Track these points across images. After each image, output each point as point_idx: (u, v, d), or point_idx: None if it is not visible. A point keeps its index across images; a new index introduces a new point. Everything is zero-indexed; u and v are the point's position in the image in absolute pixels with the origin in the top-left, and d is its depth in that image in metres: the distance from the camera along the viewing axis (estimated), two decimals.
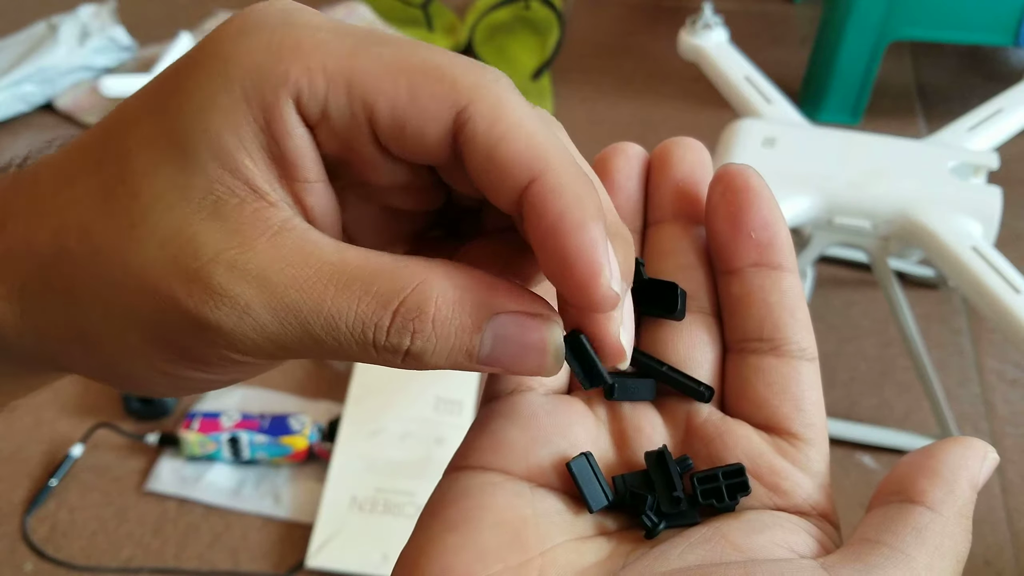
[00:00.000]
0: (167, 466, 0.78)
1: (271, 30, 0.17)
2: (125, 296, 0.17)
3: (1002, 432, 0.81)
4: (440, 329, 0.17)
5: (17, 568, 0.72)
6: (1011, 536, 0.74)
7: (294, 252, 0.17)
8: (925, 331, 0.88)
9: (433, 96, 0.17)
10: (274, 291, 0.17)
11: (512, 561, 0.18)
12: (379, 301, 0.17)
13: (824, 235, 0.72)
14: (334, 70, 0.17)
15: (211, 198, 0.17)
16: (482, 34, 1.29)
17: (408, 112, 0.17)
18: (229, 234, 0.17)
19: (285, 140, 0.17)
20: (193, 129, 0.17)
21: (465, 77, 0.17)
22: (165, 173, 0.17)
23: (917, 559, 0.18)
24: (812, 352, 0.21)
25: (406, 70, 0.17)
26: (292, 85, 0.17)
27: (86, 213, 0.18)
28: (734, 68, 0.84)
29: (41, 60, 1.18)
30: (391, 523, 0.73)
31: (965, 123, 0.78)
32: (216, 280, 0.17)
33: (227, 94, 0.17)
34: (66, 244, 0.18)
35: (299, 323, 0.17)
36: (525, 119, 0.17)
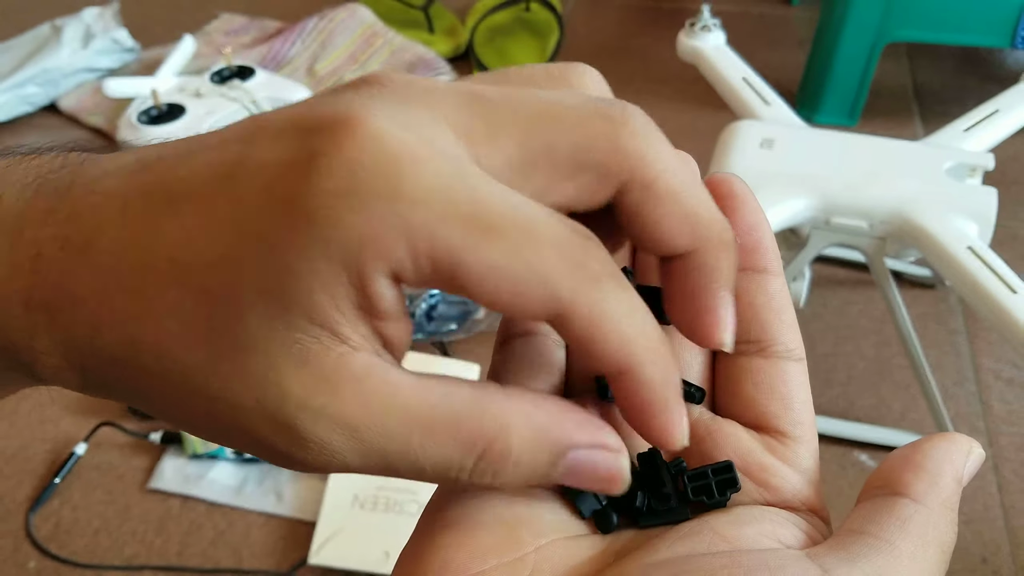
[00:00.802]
0: (170, 464, 0.79)
1: (377, 200, 0.16)
2: (201, 418, 0.18)
3: (998, 431, 0.82)
4: (520, 469, 0.18)
5: (21, 566, 0.73)
6: (1007, 533, 0.74)
7: (379, 398, 0.17)
8: (922, 331, 0.88)
9: (534, 302, 0.17)
10: (361, 439, 0.17)
11: (507, 557, 0.19)
12: (464, 447, 0.18)
13: (821, 235, 0.73)
14: (441, 260, 0.17)
15: (297, 346, 0.17)
16: (482, 36, 1.29)
17: (508, 310, 0.18)
18: (316, 381, 0.17)
19: (378, 300, 0.17)
20: (284, 288, 0.17)
21: (569, 281, 0.17)
22: (256, 320, 0.17)
23: (901, 547, 0.18)
24: (799, 353, 0.22)
25: (508, 277, 0.17)
26: (396, 264, 0.17)
27: (166, 336, 0.17)
28: (732, 70, 0.85)
29: (45, 61, 1.19)
30: (393, 521, 0.74)
31: (961, 124, 0.78)
32: (304, 427, 0.17)
33: (326, 262, 0.16)
34: (140, 359, 0.18)
35: (385, 463, 0.18)
36: (621, 321, 0.18)
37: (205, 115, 1.09)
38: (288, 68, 1.26)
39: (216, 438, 0.19)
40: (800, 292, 0.80)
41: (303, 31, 1.29)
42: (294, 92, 1.14)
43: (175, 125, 1.08)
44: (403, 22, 1.34)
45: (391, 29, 1.29)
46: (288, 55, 1.27)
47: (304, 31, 1.29)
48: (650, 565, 0.19)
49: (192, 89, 1.13)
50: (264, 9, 1.42)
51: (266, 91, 1.13)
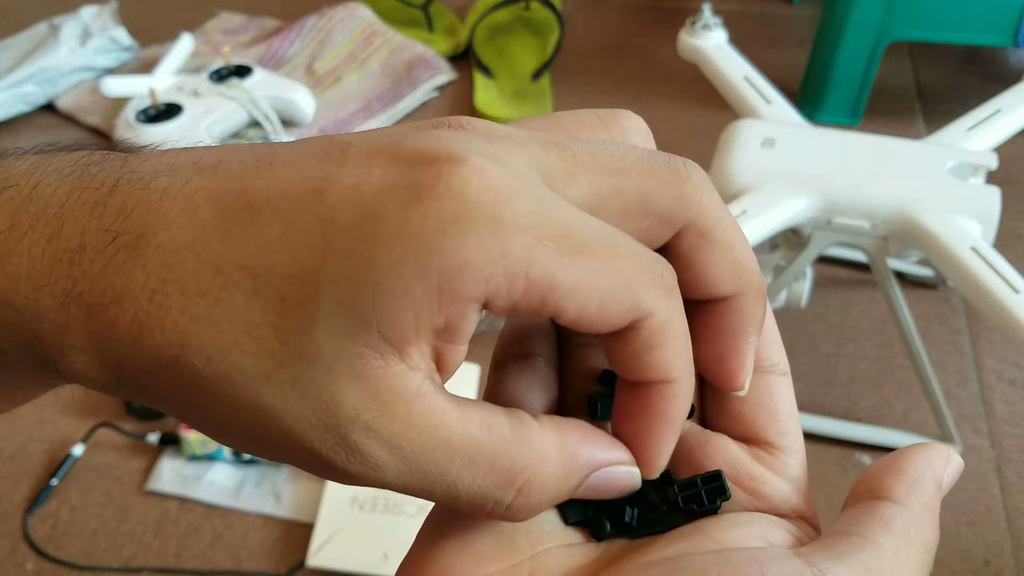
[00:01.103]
0: (168, 465, 0.78)
1: (478, 228, 0.17)
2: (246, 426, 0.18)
3: (1001, 432, 0.82)
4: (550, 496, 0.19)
5: (18, 567, 0.72)
6: (1010, 535, 0.74)
7: (426, 420, 0.18)
8: (924, 331, 0.88)
9: (619, 311, 0.19)
10: (405, 457, 0.18)
11: (504, 563, 0.20)
12: (503, 479, 0.18)
13: (823, 235, 0.72)
14: (536, 279, 0.17)
15: (359, 362, 0.17)
16: (482, 35, 1.29)
17: (592, 319, 0.19)
18: (370, 397, 0.17)
19: (460, 325, 0.18)
20: (373, 304, 0.17)
21: (648, 293, 0.19)
22: (326, 332, 0.17)
23: (885, 545, 0.19)
24: (784, 367, 0.23)
25: (597, 287, 0.18)
26: (491, 289, 0.17)
27: (224, 339, 0.17)
28: (733, 69, 0.85)
29: (42, 60, 1.18)
30: (392, 522, 0.73)
31: (964, 123, 0.78)
32: (353, 439, 0.17)
33: (421, 284, 0.17)
34: (190, 361, 0.17)
35: (422, 484, 0.18)
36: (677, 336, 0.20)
37: (203, 114, 1.08)
38: (287, 67, 1.25)
39: (252, 446, 0.18)
40: (802, 292, 0.79)
41: (302, 30, 1.28)
42: (293, 91, 1.14)
43: (173, 124, 1.07)
44: (402, 21, 1.34)
45: (390, 28, 1.29)
46: (287, 54, 1.27)
47: (303, 30, 1.28)
48: (643, 565, 0.20)
49: (190, 88, 1.13)
50: (263, 8, 1.41)
51: (265, 90, 1.13)
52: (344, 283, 0.17)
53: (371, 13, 1.30)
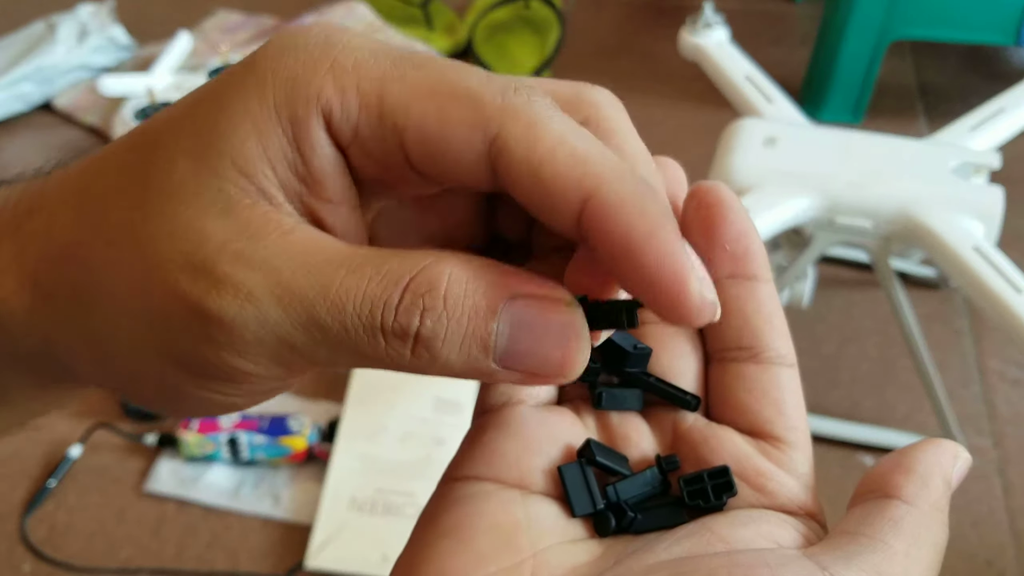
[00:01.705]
0: (166, 467, 0.78)
1: (311, 48, 0.18)
2: (134, 293, 0.18)
3: (1004, 432, 0.81)
4: (452, 308, 0.16)
5: (16, 569, 0.72)
6: (1013, 536, 0.73)
7: (305, 243, 0.17)
8: (927, 331, 0.87)
9: (462, 121, 0.17)
10: (279, 277, 0.16)
11: (505, 563, 0.19)
12: (389, 279, 0.16)
13: (825, 235, 0.72)
14: (367, 91, 0.17)
15: (223, 196, 0.17)
16: (482, 33, 1.29)
17: (437, 137, 0.17)
18: (239, 229, 0.17)
19: (311, 156, 0.17)
20: (221, 132, 0.17)
21: (495, 99, 0.17)
22: (184, 170, 0.17)
23: (895, 547, 0.19)
24: (791, 358, 0.22)
25: (436, 93, 0.17)
26: (324, 102, 0.17)
27: (107, 205, 0.18)
28: (735, 67, 0.84)
29: (40, 59, 1.18)
30: (391, 524, 0.73)
31: (967, 123, 0.77)
32: (220, 268, 0.17)
33: (260, 104, 0.17)
34: (81, 236, 0.18)
35: (304, 308, 0.16)
36: (566, 135, 0.17)
37: None
38: None
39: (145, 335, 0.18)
40: (804, 292, 0.79)
41: None
42: None
43: None
44: (402, 19, 1.34)
45: (390, 26, 1.28)
46: None
47: None
48: (649, 566, 0.19)
49: (188, 87, 1.12)
50: (261, 6, 1.41)
51: None
52: (201, 122, 0.18)
53: (370, 11, 1.30)
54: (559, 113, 0.17)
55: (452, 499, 0.20)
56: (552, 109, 0.17)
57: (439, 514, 0.20)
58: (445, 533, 0.19)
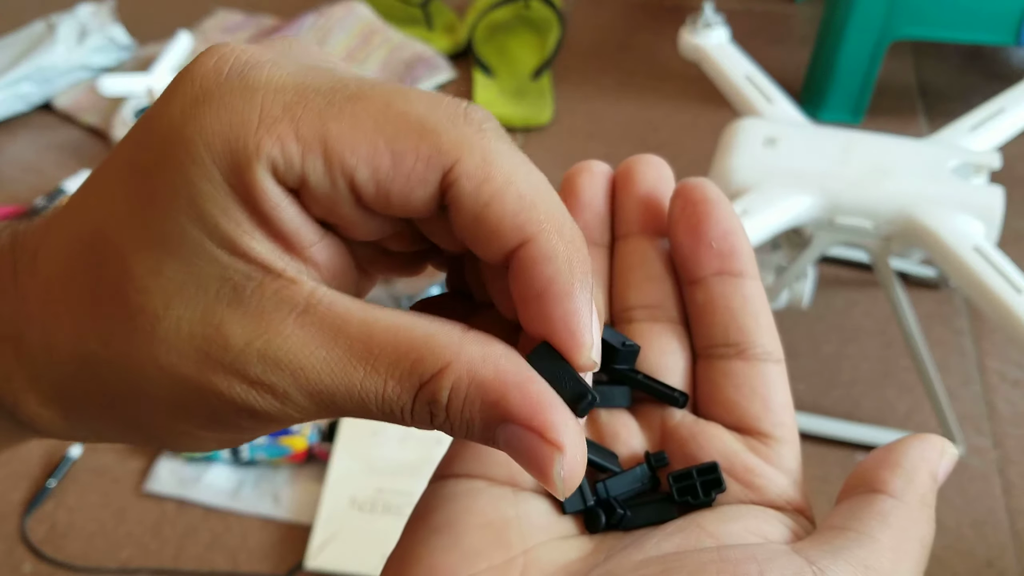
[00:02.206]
0: (166, 467, 0.78)
1: (230, 97, 0.16)
2: (164, 388, 0.17)
3: (1004, 432, 0.81)
4: (455, 418, 0.17)
5: (15, 569, 0.72)
6: (1013, 536, 0.73)
7: (322, 331, 0.17)
8: (927, 331, 0.87)
9: (418, 158, 0.16)
10: (308, 377, 0.17)
11: (496, 560, 0.19)
12: (403, 385, 0.17)
13: (825, 235, 0.72)
14: (308, 135, 0.16)
15: (228, 285, 0.16)
16: (482, 33, 1.29)
17: (392, 177, 0.16)
18: (255, 321, 0.16)
19: (274, 214, 0.16)
20: (186, 221, 0.16)
21: (449, 132, 0.16)
22: (172, 269, 0.16)
23: (882, 540, 0.19)
24: (778, 355, 0.22)
25: (385, 130, 0.16)
26: (265, 157, 0.16)
27: (101, 320, 0.17)
28: (735, 67, 0.84)
29: (39, 59, 1.18)
30: (390, 524, 0.73)
31: (967, 122, 0.77)
32: (252, 372, 0.17)
33: (207, 180, 0.16)
34: (90, 348, 0.17)
35: (333, 403, 0.17)
36: (514, 175, 0.17)
37: None
38: None
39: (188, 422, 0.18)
40: (804, 292, 0.79)
41: (300, 28, 1.28)
42: None
43: None
44: (402, 19, 1.34)
45: (389, 26, 1.28)
46: None
47: (301, 28, 1.28)
48: (638, 563, 0.19)
49: None
50: (261, 5, 1.41)
51: None
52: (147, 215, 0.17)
53: (370, 11, 1.30)
54: (508, 144, 0.17)
55: (443, 496, 0.20)
56: (502, 139, 0.17)
57: (430, 512, 0.20)
58: (436, 530, 0.20)
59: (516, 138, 1.04)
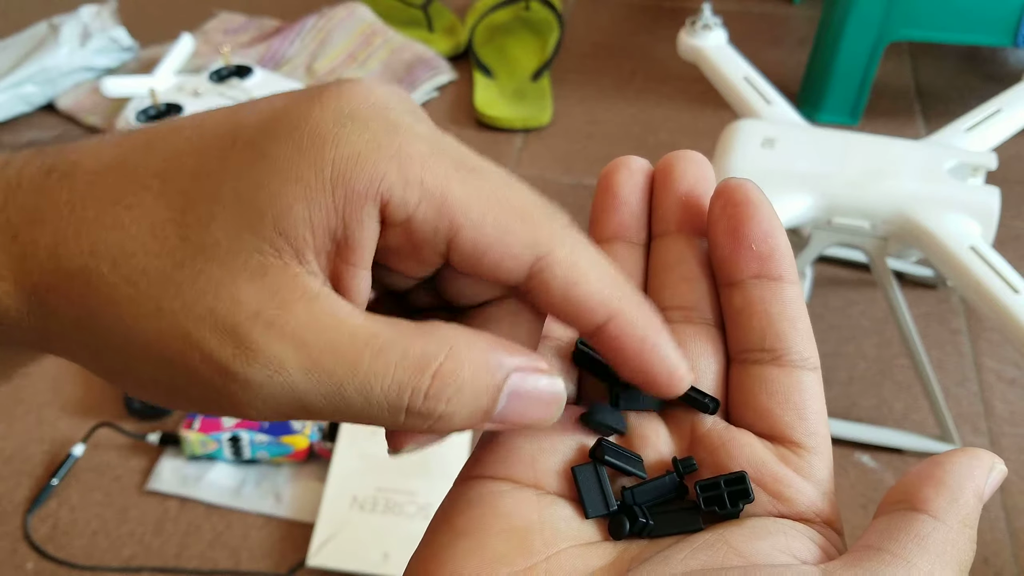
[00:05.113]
0: (168, 465, 0.78)
1: (374, 127, 0.18)
2: (151, 338, 0.17)
3: (1000, 431, 0.82)
4: (470, 390, 0.18)
5: (18, 567, 0.72)
6: (1009, 535, 0.74)
7: (329, 317, 0.17)
8: (924, 331, 0.88)
9: (518, 236, 0.18)
10: (310, 352, 0.17)
11: (518, 565, 0.19)
12: (417, 366, 0.18)
13: (823, 235, 0.72)
14: (432, 186, 0.18)
15: (257, 257, 0.17)
16: (482, 35, 1.29)
17: (490, 246, 0.18)
18: (269, 294, 0.17)
19: (357, 231, 0.18)
20: (267, 193, 0.17)
21: (546, 226, 0.19)
22: (223, 226, 0.17)
23: (918, 566, 0.18)
24: (814, 362, 0.22)
25: (496, 207, 0.18)
26: (385, 187, 0.17)
27: (130, 242, 0.18)
28: (733, 69, 0.84)
29: (42, 60, 1.18)
30: (392, 522, 0.73)
31: (964, 123, 0.78)
32: (254, 337, 0.17)
33: (315, 174, 0.17)
34: (97, 267, 0.18)
35: (332, 384, 0.17)
36: (595, 264, 0.20)
37: None
38: (287, 67, 1.25)
39: (156, 369, 0.18)
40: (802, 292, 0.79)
41: (302, 30, 1.28)
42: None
43: None
44: (402, 21, 1.34)
45: (390, 28, 1.29)
46: (287, 54, 1.27)
47: (303, 30, 1.28)
48: None
49: (190, 88, 1.13)
50: (263, 8, 1.41)
51: (265, 90, 1.13)
52: (244, 175, 0.17)
53: (371, 13, 1.30)
54: (585, 238, 0.20)
55: (467, 499, 0.20)
56: (582, 235, 0.20)
57: (454, 514, 0.20)
58: (460, 534, 0.20)
59: (516, 139, 1.05)
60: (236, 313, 0.17)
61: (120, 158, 0.18)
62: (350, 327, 0.17)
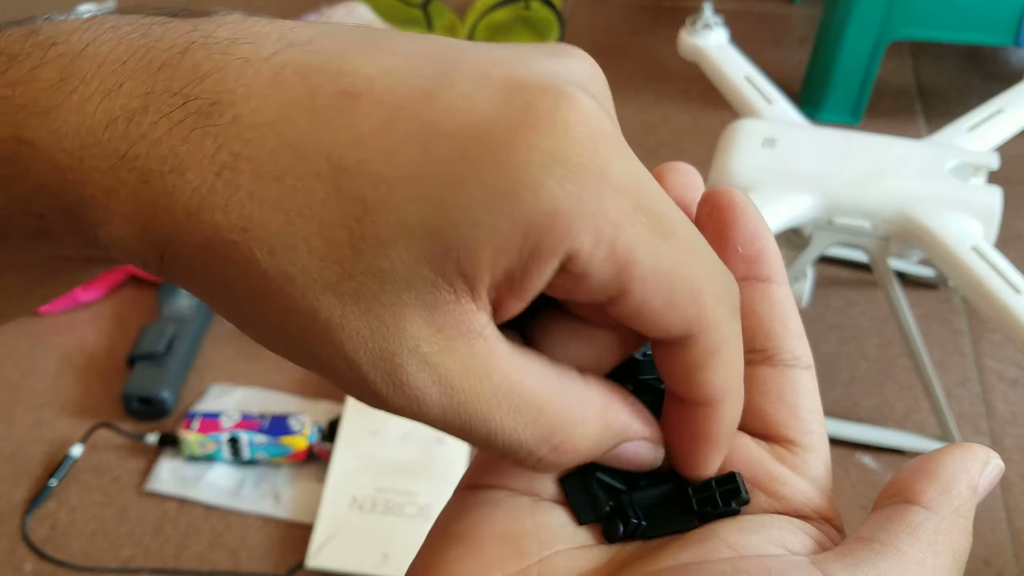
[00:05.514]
0: (167, 466, 0.78)
1: (581, 176, 0.16)
2: (293, 330, 0.16)
3: (1002, 432, 0.81)
4: (579, 457, 0.19)
5: (17, 568, 0.72)
6: (1011, 535, 0.74)
7: (482, 362, 0.17)
8: (925, 331, 0.88)
9: (679, 316, 0.18)
10: (454, 397, 0.17)
11: (512, 568, 0.19)
12: (543, 435, 0.18)
13: (824, 235, 0.72)
14: (619, 252, 0.17)
15: (431, 292, 0.16)
16: (482, 34, 1.29)
17: (650, 314, 0.18)
18: (434, 329, 0.17)
19: (536, 278, 0.17)
20: (458, 232, 0.16)
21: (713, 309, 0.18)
22: (404, 252, 0.16)
23: (908, 554, 0.18)
24: (807, 360, 0.22)
25: (675, 282, 0.17)
26: (576, 247, 0.16)
27: (293, 234, 0.16)
28: (734, 68, 0.84)
29: None
30: (391, 523, 0.73)
31: (965, 123, 0.78)
32: (406, 371, 0.17)
33: (511, 222, 0.16)
34: (249, 250, 0.16)
35: (462, 425, 0.18)
36: (733, 356, 0.19)
37: None
38: None
39: (292, 352, 0.17)
40: (802, 292, 0.79)
41: None
42: None
43: None
44: (402, 20, 1.34)
45: (390, 27, 1.28)
46: None
47: None
48: (652, 572, 0.19)
49: None
50: (262, 7, 1.41)
51: None
52: (434, 200, 0.16)
53: (370, 12, 1.30)
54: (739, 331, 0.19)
55: (464, 507, 0.21)
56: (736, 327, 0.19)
57: (450, 522, 0.20)
58: (455, 540, 0.20)
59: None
60: (395, 342, 0.16)
61: (284, 119, 0.16)
62: (498, 377, 0.17)
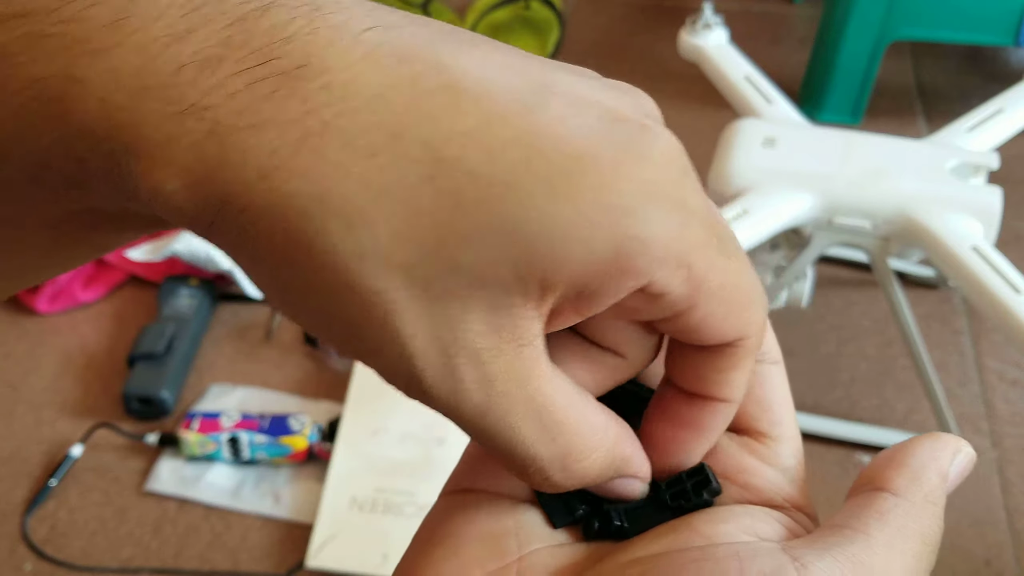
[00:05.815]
0: (167, 466, 0.78)
1: (667, 207, 0.16)
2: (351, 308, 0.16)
3: (1002, 432, 0.81)
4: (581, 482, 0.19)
5: (17, 568, 0.72)
6: (1011, 536, 0.73)
7: (525, 370, 0.18)
8: (925, 331, 0.88)
9: (733, 326, 0.19)
10: (491, 398, 0.17)
11: (491, 566, 0.20)
12: (558, 453, 0.18)
13: (824, 235, 0.72)
14: (695, 274, 0.17)
15: (502, 295, 0.16)
16: (482, 34, 1.29)
17: (710, 327, 0.18)
18: (492, 329, 0.17)
19: (609, 298, 0.17)
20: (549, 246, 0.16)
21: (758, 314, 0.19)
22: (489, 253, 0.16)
23: (877, 538, 0.19)
24: (775, 355, 0.22)
25: (733, 296, 0.18)
26: (655, 272, 0.17)
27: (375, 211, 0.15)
28: (734, 68, 0.84)
29: None
30: (391, 523, 0.73)
31: (965, 123, 0.78)
32: (456, 364, 0.17)
33: (602, 244, 0.16)
34: (324, 222, 0.15)
35: (486, 426, 0.18)
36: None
37: None
38: None
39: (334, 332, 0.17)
40: (803, 292, 0.79)
41: None
42: None
43: None
44: None
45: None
46: None
47: None
48: (625, 563, 0.19)
49: None
50: None
51: None
52: (532, 208, 0.16)
53: None
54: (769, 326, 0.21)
55: (446, 510, 0.21)
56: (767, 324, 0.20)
57: (433, 525, 0.21)
58: (437, 542, 0.20)
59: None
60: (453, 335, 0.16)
61: (380, 98, 0.15)
62: (534, 388, 0.18)
